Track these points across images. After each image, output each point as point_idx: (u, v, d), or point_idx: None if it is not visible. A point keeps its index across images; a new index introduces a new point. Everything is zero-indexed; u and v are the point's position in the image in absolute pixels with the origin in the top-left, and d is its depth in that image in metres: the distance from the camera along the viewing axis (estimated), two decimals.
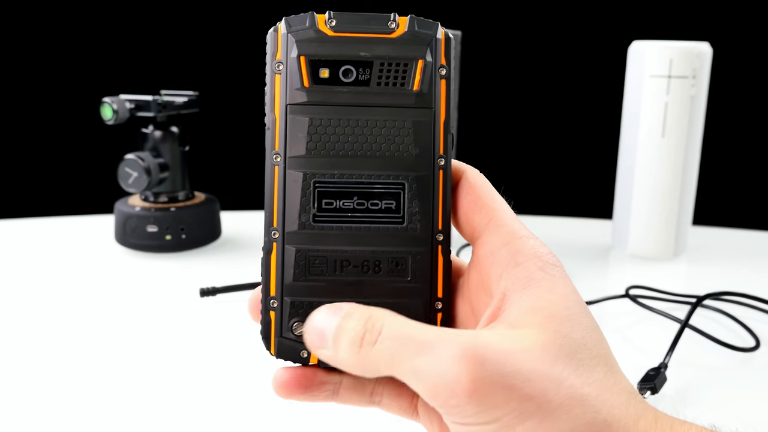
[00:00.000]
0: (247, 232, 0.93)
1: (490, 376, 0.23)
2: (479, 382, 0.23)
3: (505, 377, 0.23)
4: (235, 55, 1.12)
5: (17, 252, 0.85)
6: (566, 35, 1.14)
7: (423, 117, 0.30)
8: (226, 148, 1.17)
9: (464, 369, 0.23)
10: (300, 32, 0.29)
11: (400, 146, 0.30)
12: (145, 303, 0.69)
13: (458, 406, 0.23)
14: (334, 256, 0.29)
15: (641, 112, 0.81)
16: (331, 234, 0.29)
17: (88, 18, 1.15)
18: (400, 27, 0.30)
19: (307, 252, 0.29)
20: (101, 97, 0.80)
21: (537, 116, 1.19)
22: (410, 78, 0.30)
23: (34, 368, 0.55)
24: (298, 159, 0.29)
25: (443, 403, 0.24)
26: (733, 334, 0.63)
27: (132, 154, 0.80)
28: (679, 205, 0.82)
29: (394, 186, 0.30)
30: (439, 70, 0.30)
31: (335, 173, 0.29)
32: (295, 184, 0.29)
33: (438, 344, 0.24)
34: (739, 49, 1.09)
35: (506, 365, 0.23)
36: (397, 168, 0.30)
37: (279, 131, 0.29)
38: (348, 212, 0.29)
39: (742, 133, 1.14)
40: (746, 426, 0.35)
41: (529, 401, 0.23)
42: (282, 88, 0.29)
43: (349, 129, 0.29)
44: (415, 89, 0.30)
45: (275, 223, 0.29)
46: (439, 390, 0.23)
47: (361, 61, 0.29)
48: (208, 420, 0.48)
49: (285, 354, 0.30)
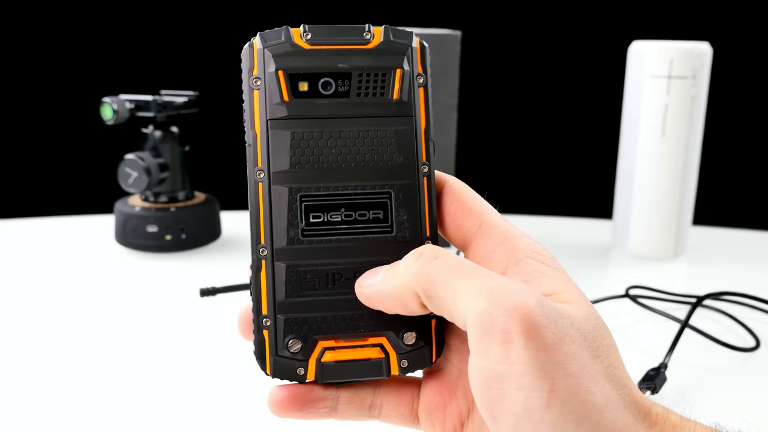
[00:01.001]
0: (247, 232, 0.92)
1: (547, 318, 0.24)
2: (538, 318, 0.23)
3: (558, 327, 0.24)
4: (235, 55, 1.11)
5: (17, 252, 0.85)
6: (566, 35, 1.14)
7: (404, 125, 0.30)
8: (226, 148, 1.16)
9: (530, 300, 0.24)
10: (276, 47, 0.29)
11: (384, 155, 0.29)
12: (145, 303, 0.69)
13: (507, 337, 0.23)
14: (326, 270, 0.29)
15: (641, 113, 0.81)
16: (320, 248, 0.29)
17: (88, 18, 1.15)
18: (376, 37, 0.30)
19: (297, 267, 0.29)
20: (101, 97, 0.80)
21: (537, 116, 1.19)
22: (389, 87, 0.30)
23: (35, 368, 0.55)
24: (283, 174, 0.29)
25: (491, 330, 0.23)
26: (733, 334, 0.63)
27: (132, 154, 0.80)
28: (679, 205, 0.82)
29: (381, 195, 0.29)
30: (417, 78, 0.30)
31: (321, 186, 0.29)
32: (281, 199, 0.29)
33: (501, 277, 0.25)
34: (739, 49, 1.09)
35: (561, 319, 0.24)
36: (383, 177, 0.29)
37: (261, 147, 0.29)
38: (336, 225, 0.29)
39: (742, 133, 1.14)
40: (749, 425, 0.35)
41: (571, 360, 0.23)
42: (261, 103, 0.29)
43: (332, 141, 0.29)
44: (395, 98, 0.30)
45: (263, 240, 0.29)
46: (498, 313, 0.23)
47: (339, 72, 0.29)
48: (208, 420, 0.48)
49: (281, 373, 0.29)
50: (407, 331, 0.29)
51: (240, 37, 0.33)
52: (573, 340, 0.24)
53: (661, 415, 0.25)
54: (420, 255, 0.27)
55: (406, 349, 0.29)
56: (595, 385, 0.24)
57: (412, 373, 0.30)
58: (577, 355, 0.24)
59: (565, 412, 0.23)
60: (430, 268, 0.26)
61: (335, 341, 0.29)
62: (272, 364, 0.29)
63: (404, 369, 0.29)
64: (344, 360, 0.29)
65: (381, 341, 0.29)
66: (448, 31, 0.81)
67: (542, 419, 0.23)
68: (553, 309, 0.24)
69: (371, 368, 0.29)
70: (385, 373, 0.29)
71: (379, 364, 0.29)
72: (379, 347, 0.29)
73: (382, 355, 0.29)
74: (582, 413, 0.23)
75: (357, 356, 0.29)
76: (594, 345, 0.25)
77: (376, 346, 0.29)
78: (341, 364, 0.29)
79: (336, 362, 0.29)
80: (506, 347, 0.23)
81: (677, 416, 0.25)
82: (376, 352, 0.29)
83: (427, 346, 0.29)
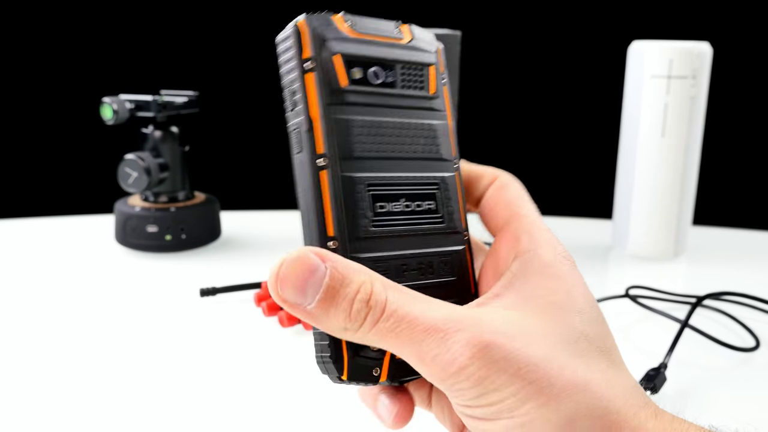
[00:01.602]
0: (247, 232, 0.92)
1: (495, 362, 0.24)
2: (484, 369, 0.24)
3: (510, 362, 0.24)
4: (235, 55, 1.12)
5: (17, 252, 0.85)
6: (566, 35, 1.14)
7: (441, 119, 0.31)
8: (226, 148, 1.17)
9: (470, 354, 0.24)
10: (327, 30, 0.28)
11: (430, 147, 0.30)
12: (145, 303, 0.69)
13: (463, 390, 0.24)
14: (396, 262, 0.28)
15: (641, 113, 0.81)
16: (388, 239, 0.28)
17: (87, 18, 1.15)
18: (406, 34, 0.30)
19: (372, 260, 0.27)
20: (101, 97, 0.80)
21: (536, 116, 1.19)
22: (426, 82, 0.30)
23: (35, 368, 0.55)
24: (348, 162, 0.27)
25: (448, 387, 0.24)
26: (733, 334, 0.63)
27: (132, 154, 0.80)
28: (679, 205, 0.82)
29: (432, 187, 0.30)
30: (442, 76, 0.31)
31: (384, 176, 0.28)
32: (350, 188, 0.27)
33: (444, 331, 0.24)
34: (739, 49, 1.09)
35: (511, 351, 0.24)
36: (431, 169, 0.30)
37: (321, 132, 0.27)
38: (398, 215, 0.29)
39: (742, 133, 1.14)
40: (746, 426, 0.35)
41: (531, 385, 0.24)
42: (318, 87, 0.27)
43: (386, 130, 0.29)
44: (431, 93, 0.30)
45: (331, 232, 0.27)
46: (445, 375, 0.24)
47: (387, 63, 0.29)
48: (208, 420, 0.48)
49: (359, 375, 0.27)
50: None
51: (240, 37, 0.33)
52: (530, 363, 0.24)
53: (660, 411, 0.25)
54: (359, 317, 0.25)
55: None
56: (563, 397, 0.24)
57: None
58: (536, 378, 0.24)
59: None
60: (365, 334, 0.25)
61: None
62: (351, 367, 0.27)
63: None
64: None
65: None
66: (448, 31, 0.81)
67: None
68: (500, 348, 0.24)
69: None
70: None
71: None
72: None
73: None
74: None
75: None
76: (559, 356, 0.25)
77: None
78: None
79: (403, 360, 0.27)
80: (465, 394, 0.24)
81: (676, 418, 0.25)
82: None
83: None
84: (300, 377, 0.53)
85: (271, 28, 0.30)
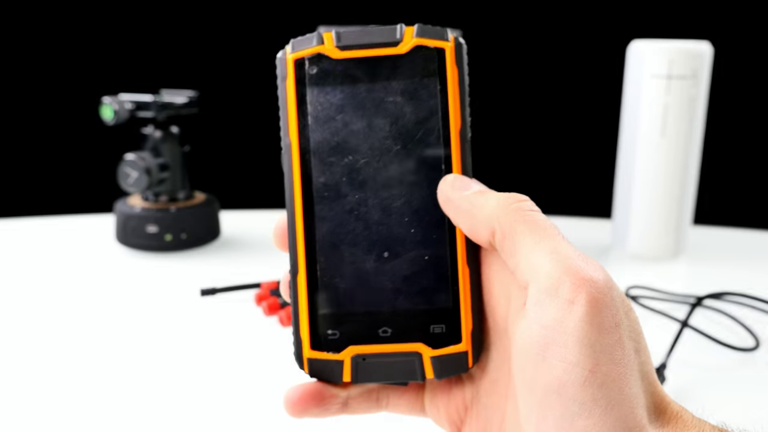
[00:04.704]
0: (247, 232, 0.92)
1: (612, 300, 0.24)
2: (604, 298, 0.24)
3: (617, 313, 0.24)
4: (235, 55, 1.12)
5: (17, 252, 0.85)
6: (566, 35, 1.14)
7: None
8: (226, 148, 1.17)
9: (601, 278, 0.25)
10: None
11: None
12: (146, 303, 0.69)
13: (569, 305, 0.24)
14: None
15: (641, 113, 0.81)
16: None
17: (87, 18, 1.15)
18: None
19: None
20: (101, 97, 0.80)
21: (536, 116, 1.19)
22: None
23: (35, 368, 0.55)
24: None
25: (556, 293, 0.24)
26: (733, 334, 0.63)
27: (132, 154, 0.80)
28: (679, 205, 0.82)
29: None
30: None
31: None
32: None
33: (577, 250, 0.26)
34: (739, 49, 1.09)
35: (621, 305, 0.25)
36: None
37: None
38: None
39: (742, 133, 1.14)
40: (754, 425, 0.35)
41: (619, 347, 0.24)
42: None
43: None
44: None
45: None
46: (568, 280, 0.24)
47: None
48: (208, 420, 0.48)
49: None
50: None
51: (240, 37, 0.33)
52: (624, 329, 0.24)
53: (675, 414, 0.25)
54: (515, 200, 0.27)
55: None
56: (633, 378, 0.24)
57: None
58: (625, 345, 0.24)
59: (598, 396, 0.23)
60: (522, 215, 0.26)
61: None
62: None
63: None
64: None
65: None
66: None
67: (574, 397, 0.23)
68: (618, 294, 0.25)
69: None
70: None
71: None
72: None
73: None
74: (614, 402, 0.23)
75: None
76: (637, 339, 0.25)
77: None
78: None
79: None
80: (564, 314, 0.23)
81: (690, 415, 0.26)
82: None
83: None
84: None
85: (271, 28, 0.30)
